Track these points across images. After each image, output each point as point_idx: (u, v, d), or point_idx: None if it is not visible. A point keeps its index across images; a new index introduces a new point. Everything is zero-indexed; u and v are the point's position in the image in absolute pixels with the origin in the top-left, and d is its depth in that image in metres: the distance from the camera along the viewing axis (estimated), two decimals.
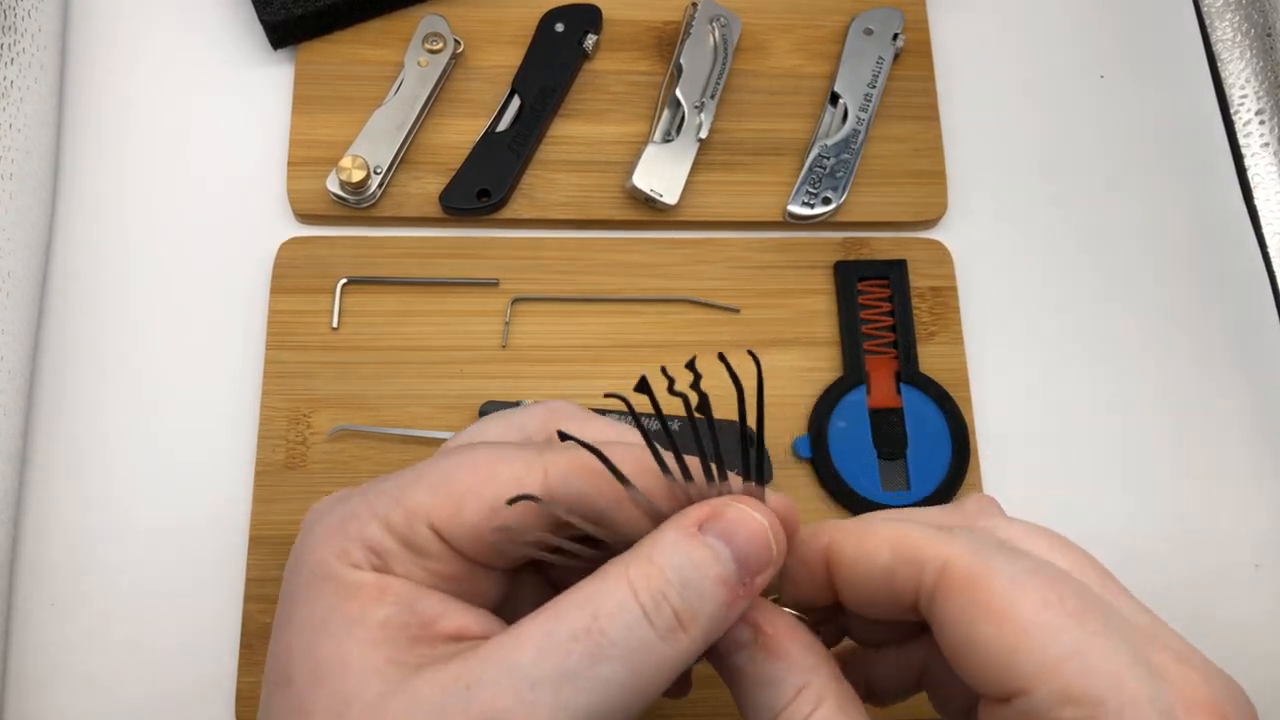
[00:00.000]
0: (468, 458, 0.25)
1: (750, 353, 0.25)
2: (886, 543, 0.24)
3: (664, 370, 0.23)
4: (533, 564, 0.27)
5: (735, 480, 0.25)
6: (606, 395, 0.25)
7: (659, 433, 0.24)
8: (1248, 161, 0.50)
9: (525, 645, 0.22)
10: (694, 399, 0.24)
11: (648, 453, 0.24)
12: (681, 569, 0.22)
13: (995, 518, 0.26)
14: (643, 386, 0.23)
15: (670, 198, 0.45)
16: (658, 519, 0.24)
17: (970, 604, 0.22)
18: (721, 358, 0.25)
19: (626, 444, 0.25)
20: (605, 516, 0.25)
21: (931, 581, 0.23)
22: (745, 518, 0.23)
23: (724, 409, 0.45)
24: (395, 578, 0.24)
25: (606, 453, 0.24)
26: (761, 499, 0.25)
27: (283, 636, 0.24)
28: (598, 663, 0.21)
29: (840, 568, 0.25)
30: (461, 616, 0.24)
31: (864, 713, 0.24)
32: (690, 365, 0.24)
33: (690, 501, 0.24)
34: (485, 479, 0.24)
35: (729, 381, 0.27)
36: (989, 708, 0.23)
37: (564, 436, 0.24)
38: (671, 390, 0.24)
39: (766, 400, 0.43)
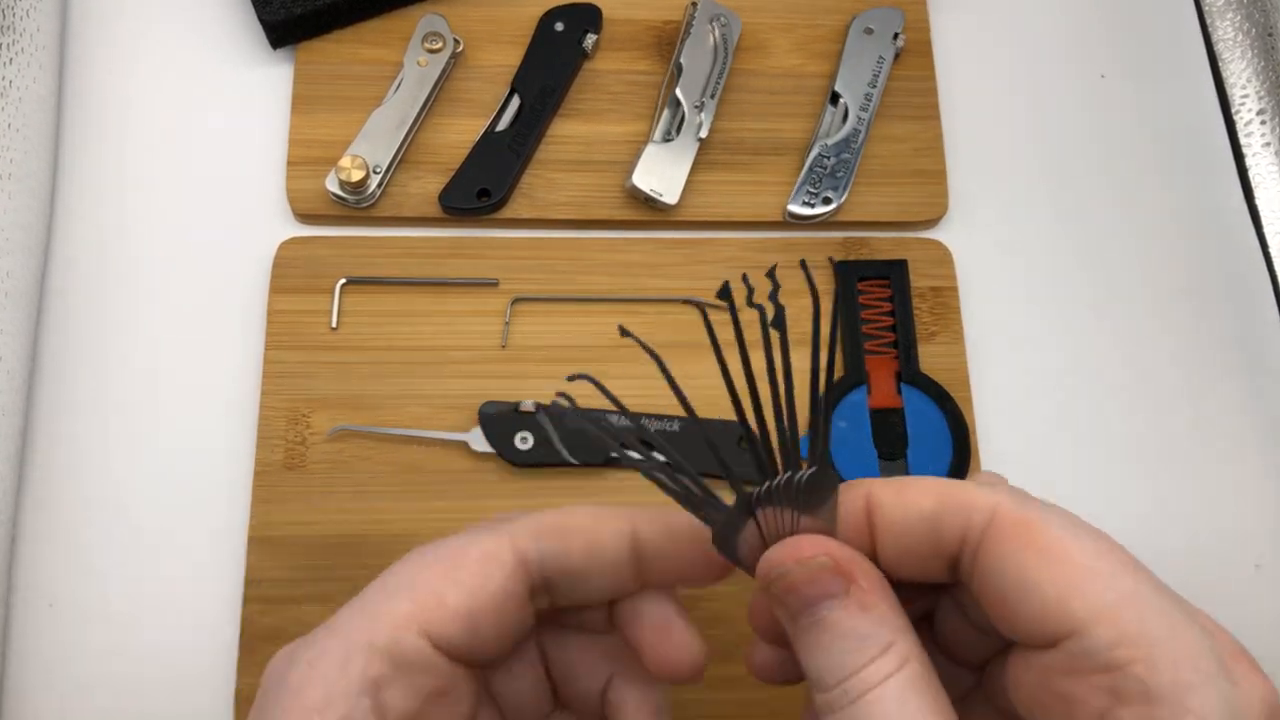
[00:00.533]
0: (428, 555, 0.25)
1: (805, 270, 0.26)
2: (931, 491, 0.24)
3: (745, 279, 0.23)
4: (530, 655, 0.27)
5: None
6: (571, 378, 0.26)
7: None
8: (1248, 161, 0.50)
9: None
10: (770, 311, 0.24)
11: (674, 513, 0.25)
12: (835, 668, 0.22)
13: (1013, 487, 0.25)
14: (725, 293, 0.23)
15: (670, 198, 0.45)
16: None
17: (1025, 547, 0.22)
18: (803, 264, 0.25)
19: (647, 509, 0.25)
20: (580, 571, 0.25)
21: (980, 526, 0.23)
22: (814, 571, 0.23)
23: (721, 409, 0.45)
24: None
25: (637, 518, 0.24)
26: (823, 502, 0.24)
27: None
28: None
29: (881, 518, 0.24)
30: None
31: (940, 687, 0.23)
32: (770, 274, 0.24)
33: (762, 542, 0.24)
34: (456, 567, 0.24)
35: (725, 381, 0.27)
36: (1025, 660, 0.22)
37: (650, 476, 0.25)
38: (751, 302, 0.23)
39: (767, 399, 0.43)
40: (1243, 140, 0.50)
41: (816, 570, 0.23)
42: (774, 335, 0.25)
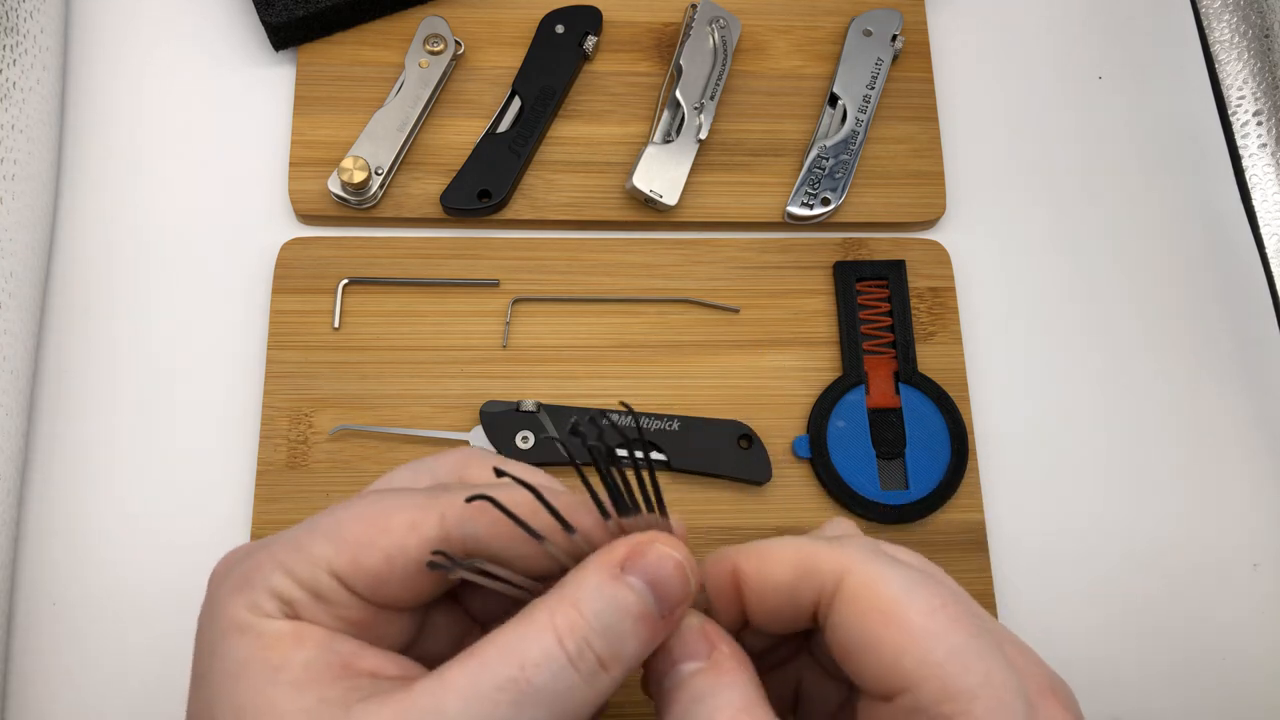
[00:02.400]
0: (361, 507, 0.25)
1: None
2: (787, 559, 0.25)
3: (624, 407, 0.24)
4: (448, 596, 0.28)
5: (640, 516, 0.25)
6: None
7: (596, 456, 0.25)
8: (1245, 162, 0.50)
9: (451, 693, 0.22)
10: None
11: (559, 495, 0.25)
12: (604, 614, 0.23)
13: (864, 537, 0.27)
14: (575, 430, 0.23)
15: (670, 198, 0.45)
16: (572, 556, 0.25)
17: (866, 609, 0.24)
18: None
19: (542, 486, 0.25)
20: (504, 558, 0.25)
21: (831, 589, 0.24)
22: (664, 555, 0.24)
23: (722, 410, 0.45)
24: (309, 624, 0.24)
25: (508, 494, 0.24)
26: (670, 530, 0.25)
27: (201, 692, 0.24)
28: (523, 710, 0.22)
29: (746, 588, 0.26)
30: (375, 659, 0.24)
31: None
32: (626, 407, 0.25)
33: (605, 537, 0.25)
34: (380, 529, 0.25)
35: (725, 382, 0.28)
36: (870, 707, 0.24)
37: (499, 473, 0.24)
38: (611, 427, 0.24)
39: (766, 399, 0.44)
40: (1239, 141, 0.50)
41: (686, 632, 0.25)
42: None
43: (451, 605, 0.28)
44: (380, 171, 0.45)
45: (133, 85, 0.47)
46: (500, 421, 0.42)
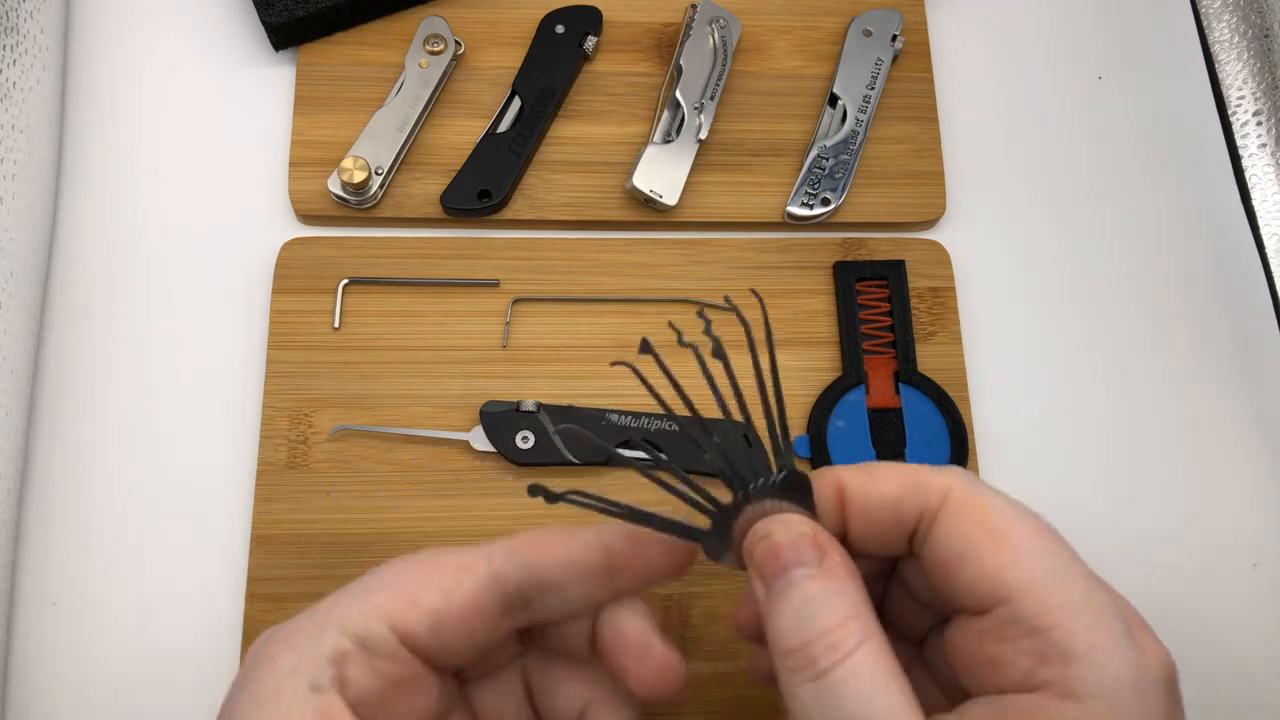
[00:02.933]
0: (410, 559, 0.27)
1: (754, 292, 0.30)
2: (895, 475, 0.27)
3: (671, 325, 0.26)
4: (512, 677, 0.30)
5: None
6: (614, 364, 0.27)
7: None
8: (1245, 162, 0.50)
9: None
10: (707, 347, 0.26)
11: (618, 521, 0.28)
12: (800, 630, 0.25)
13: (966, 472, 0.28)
14: (645, 348, 0.25)
15: (670, 198, 0.45)
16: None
17: (971, 522, 0.25)
18: (727, 302, 0.28)
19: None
20: (555, 581, 0.27)
21: (936, 504, 0.26)
22: (795, 538, 0.26)
23: (719, 410, 0.45)
24: (337, 703, 0.25)
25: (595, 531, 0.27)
26: (795, 486, 0.27)
27: None
28: None
29: (852, 501, 0.27)
30: None
31: (896, 663, 0.25)
32: (701, 314, 0.28)
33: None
34: (432, 569, 0.27)
35: (725, 382, 0.29)
36: (962, 627, 0.25)
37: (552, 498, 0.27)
38: (681, 342, 0.25)
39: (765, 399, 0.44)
40: (1239, 141, 0.50)
41: (797, 536, 0.26)
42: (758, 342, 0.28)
43: (513, 685, 0.30)
44: (380, 171, 0.45)
45: (133, 85, 0.47)
46: (500, 421, 0.42)
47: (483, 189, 0.45)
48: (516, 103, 0.47)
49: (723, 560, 0.28)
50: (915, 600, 0.29)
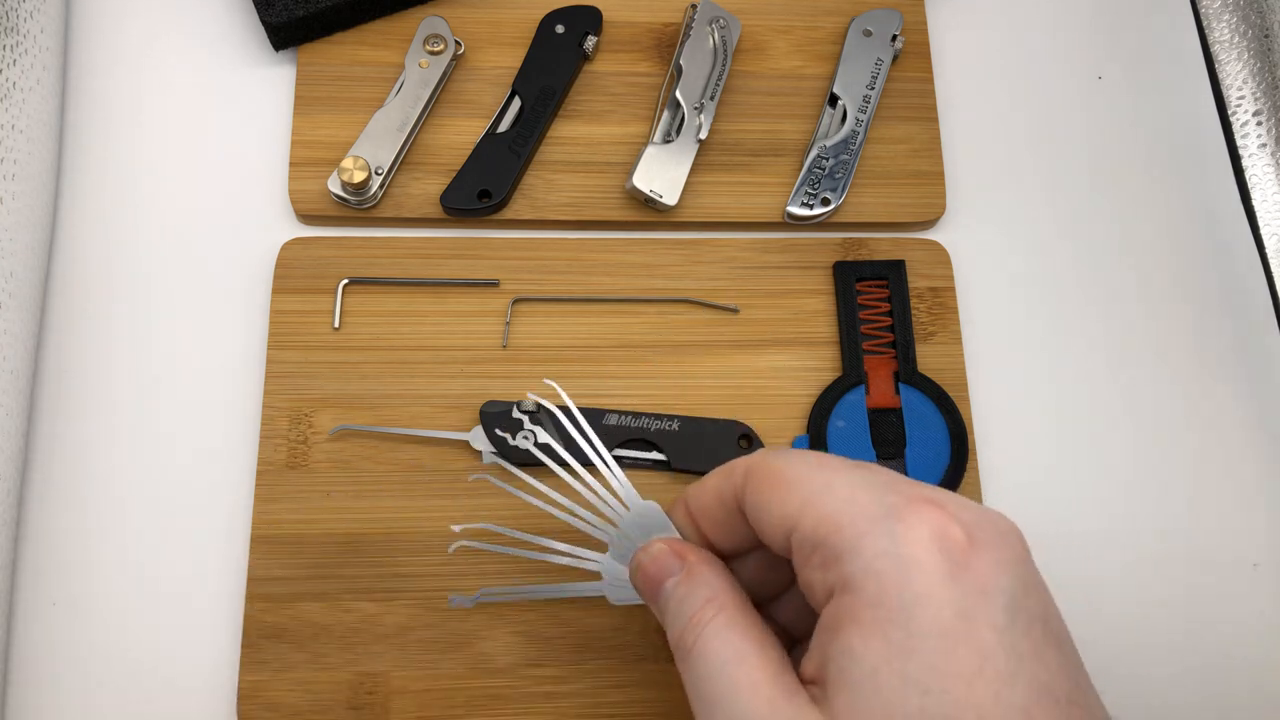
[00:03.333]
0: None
1: None
2: (712, 474, 0.31)
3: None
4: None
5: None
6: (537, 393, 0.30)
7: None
8: (1245, 162, 0.50)
9: None
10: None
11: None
12: (678, 625, 0.30)
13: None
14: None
15: (670, 198, 0.45)
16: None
17: (762, 482, 0.29)
18: None
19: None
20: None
21: (741, 482, 0.29)
22: (655, 556, 0.32)
23: (722, 410, 0.45)
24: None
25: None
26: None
27: None
28: None
29: (693, 509, 0.32)
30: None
31: (763, 626, 0.29)
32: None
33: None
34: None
35: (725, 382, 0.30)
36: (802, 577, 0.28)
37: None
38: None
39: (766, 399, 0.44)
40: (1239, 141, 0.50)
41: (656, 554, 0.31)
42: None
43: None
44: (380, 171, 0.45)
45: (133, 85, 0.47)
46: (500, 421, 0.42)
47: (483, 189, 0.45)
48: (516, 103, 0.47)
49: (627, 601, 0.34)
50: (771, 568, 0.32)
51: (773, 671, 0.27)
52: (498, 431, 0.41)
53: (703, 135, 0.46)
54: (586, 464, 0.35)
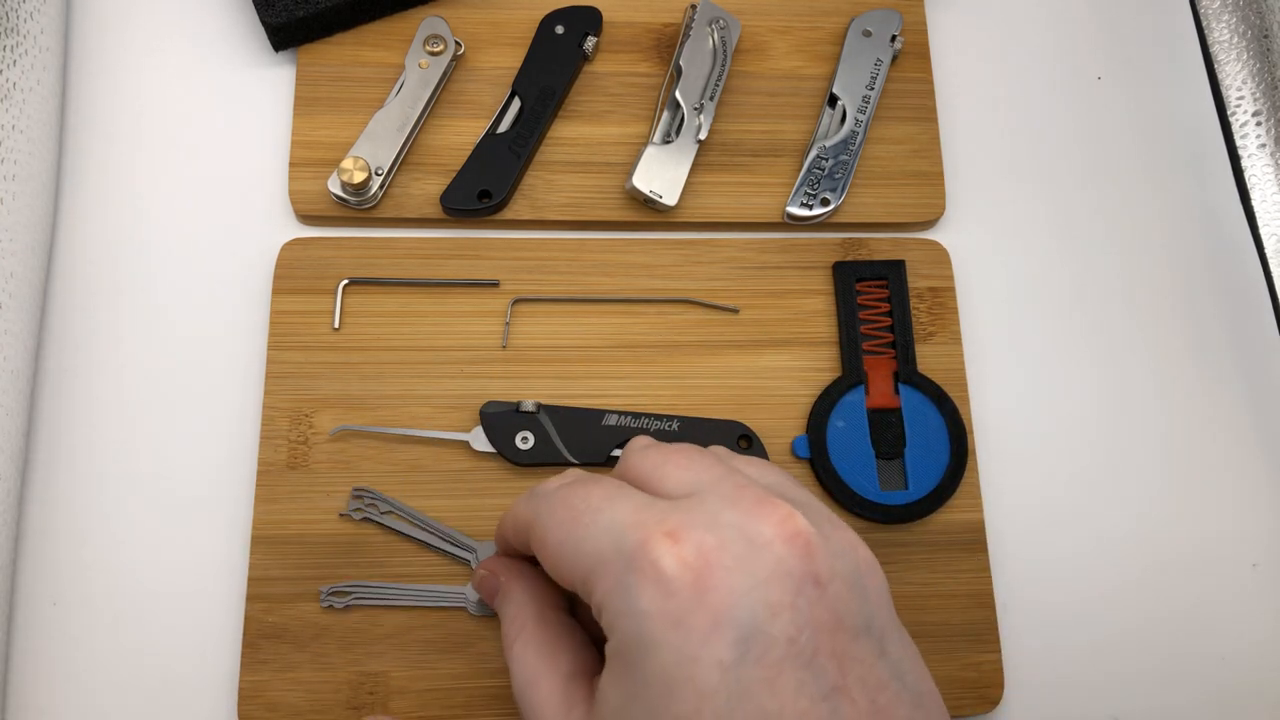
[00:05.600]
0: None
1: None
2: (509, 525, 0.33)
3: None
4: None
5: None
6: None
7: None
8: (1244, 163, 0.50)
9: None
10: None
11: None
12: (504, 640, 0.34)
13: (630, 451, 0.33)
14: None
15: (670, 199, 0.45)
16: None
17: (538, 549, 0.31)
18: None
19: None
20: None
21: (531, 545, 0.31)
22: (479, 580, 0.36)
23: (722, 410, 0.46)
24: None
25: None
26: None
27: None
28: None
29: (503, 541, 0.35)
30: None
31: (564, 636, 0.32)
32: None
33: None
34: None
35: (725, 382, 0.30)
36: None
37: None
38: None
39: (766, 399, 0.44)
40: (1238, 142, 0.50)
41: (483, 577, 0.36)
42: None
43: None
44: (380, 172, 0.45)
45: (133, 86, 0.47)
46: (500, 422, 0.42)
47: (483, 189, 0.45)
48: (516, 103, 0.47)
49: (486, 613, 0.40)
50: None
51: (560, 686, 0.30)
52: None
53: (702, 135, 0.46)
54: (585, 464, 0.35)
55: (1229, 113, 0.51)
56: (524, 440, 0.42)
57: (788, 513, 0.27)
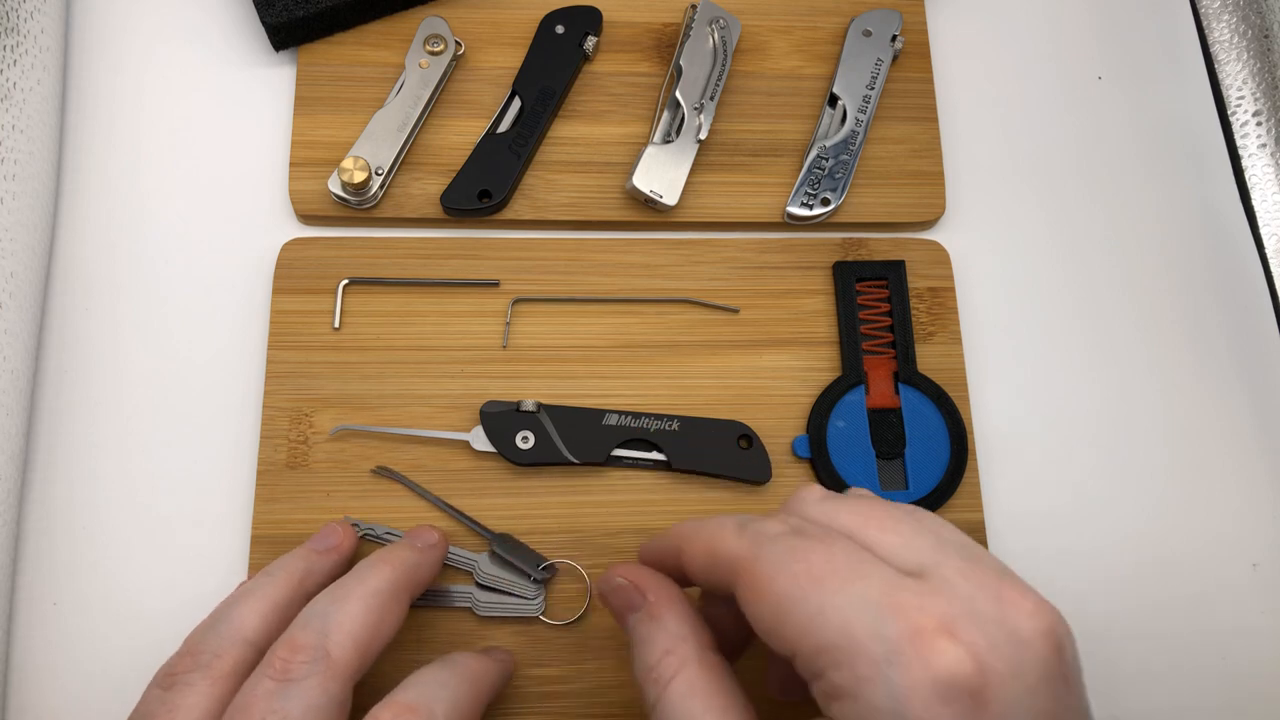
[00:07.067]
0: None
1: None
2: (704, 546, 0.30)
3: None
4: None
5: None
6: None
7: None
8: (1245, 163, 0.50)
9: None
10: None
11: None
12: (640, 665, 0.31)
13: (807, 503, 0.30)
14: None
15: (670, 198, 0.45)
16: None
17: (748, 590, 0.27)
18: None
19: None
20: None
21: (729, 579, 0.28)
22: (614, 589, 0.32)
23: (722, 410, 0.45)
24: None
25: None
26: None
27: None
28: None
29: (684, 564, 0.31)
30: None
31: (727, 683, 0.28)
32: None
33: None
34: None
35: (725, 382, 0.29)
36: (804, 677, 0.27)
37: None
38: None
39: (766, 399, 0.44)
40: (1239, 141, 0.50)
41: (619, 588, 0.31)
42: None
43: None
44: (380, 172, 0.45)
45: (133, 85, 0.47)
46: (500, 421, 0.42)
47: (483, 189, 0.45)
48: (516, 103, 0.47)
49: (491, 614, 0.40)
50: None
51: None
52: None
53: (703, 135, 0.46)
54: (585, 463, 0.35)
55: (1229, 113, 0.51)
56: (524, 440, 0.42)
57: (1036, 603, 0.25)
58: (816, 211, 0.46)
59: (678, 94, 0.46)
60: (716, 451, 0.42)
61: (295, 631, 0.31)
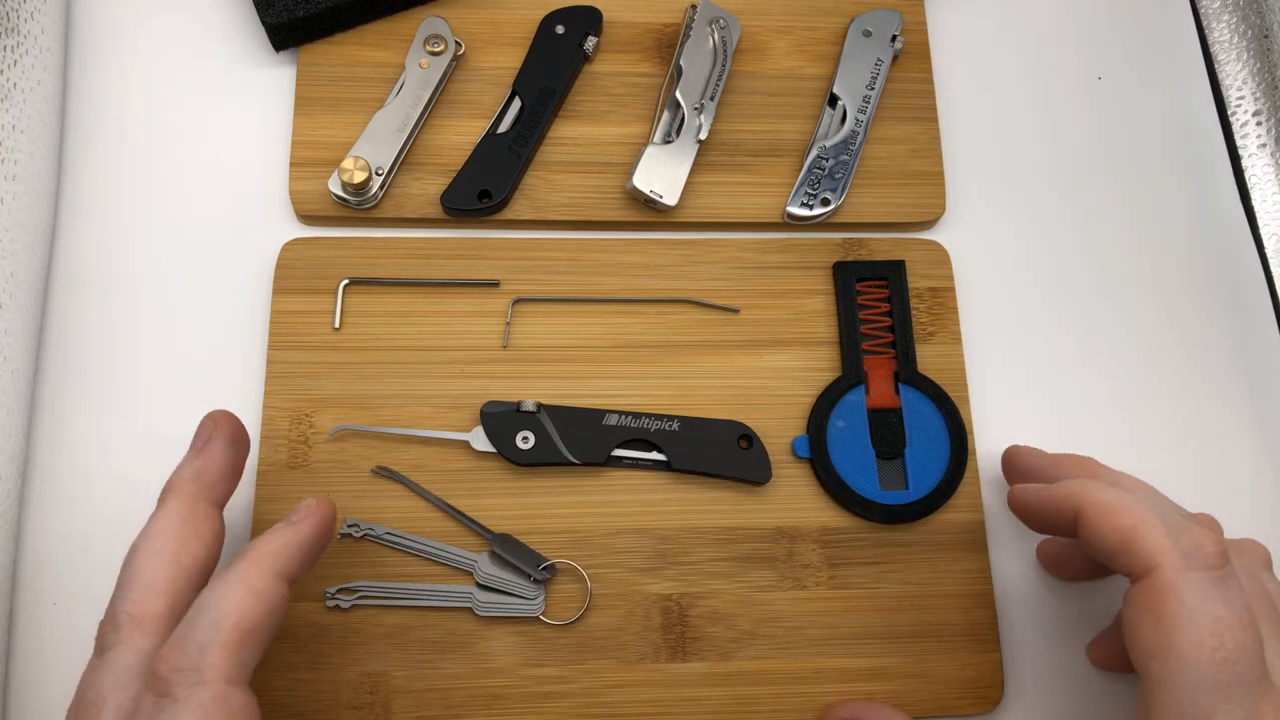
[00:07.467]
0: None
1: None
2: (1124, 527, 0.34)
3: None
4: None
5: None
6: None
7: None
8: (1245, 162, 0.50)
9: None
10: None
11: None
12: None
13: (1101, 468, 0.39)
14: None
15: (670, 199, 0.45)
16: None
17: (1152, 602, 0.32)
18: None
19: None
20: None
21: (1131, 568, 0.33)
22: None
23: (722, 410, 0.45)
24: None
25: None
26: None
27: None
28: None
29: (1079, 526, 0.35)
30: None
31: None
32: None
33: None
34: None
35: (725, 382, 0.29)
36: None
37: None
38: None
39: (766, 399, 0.44)
40: (1239, 141, 0.50)
41: None
42: None
43: None
44: (380, 172, 0.45)
45: (133, 86, 0.47)
46: (500, 422, 0.42)
47: (483, 189, 0.45)
48: (516, 103, 0.47)
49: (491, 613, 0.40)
50: None
51: None
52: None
53: (703, 135, 0.46)
54: (585, 463, 0.35)
55: (1229, 113, 0.51)
56: (524, 440, 0.42)
57: None
58: (816, 211, 0.46)
59: (678, 94, 0.46)
60: (716, 452, 0.42)
61: (172, 646, 0.31)
